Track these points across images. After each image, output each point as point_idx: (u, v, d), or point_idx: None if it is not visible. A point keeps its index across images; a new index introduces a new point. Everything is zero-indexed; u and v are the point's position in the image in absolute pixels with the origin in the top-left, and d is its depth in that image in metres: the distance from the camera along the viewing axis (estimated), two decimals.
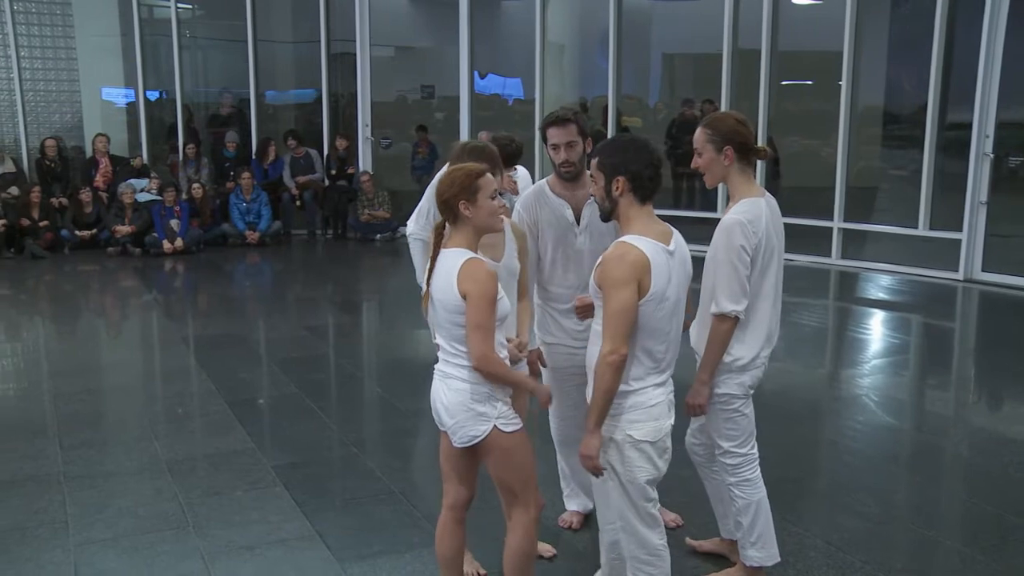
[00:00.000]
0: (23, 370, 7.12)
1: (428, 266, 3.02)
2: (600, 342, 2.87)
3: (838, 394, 6.32)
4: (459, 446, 3.00)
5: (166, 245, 11.48)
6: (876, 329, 8.33)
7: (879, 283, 10.01)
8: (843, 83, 10.37)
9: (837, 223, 10.65)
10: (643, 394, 2.92)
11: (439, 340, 3.04)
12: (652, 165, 2.97)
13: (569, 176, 3.63)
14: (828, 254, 10.69)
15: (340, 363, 7.18)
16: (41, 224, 11.55)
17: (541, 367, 3.70)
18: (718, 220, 3.37)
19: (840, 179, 10.59)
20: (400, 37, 15.84)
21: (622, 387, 2.88)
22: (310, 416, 5.63)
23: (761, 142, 11.04)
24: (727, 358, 3.27)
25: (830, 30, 10.66)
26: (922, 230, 10.04)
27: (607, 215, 3.05)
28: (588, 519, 4.04)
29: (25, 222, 11.46)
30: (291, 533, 4.01)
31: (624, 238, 2.92)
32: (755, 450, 3.44)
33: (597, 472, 2.96)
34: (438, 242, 2.99)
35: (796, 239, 10.78)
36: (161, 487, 4.50)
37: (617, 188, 2.94)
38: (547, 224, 3.66)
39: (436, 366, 3.04)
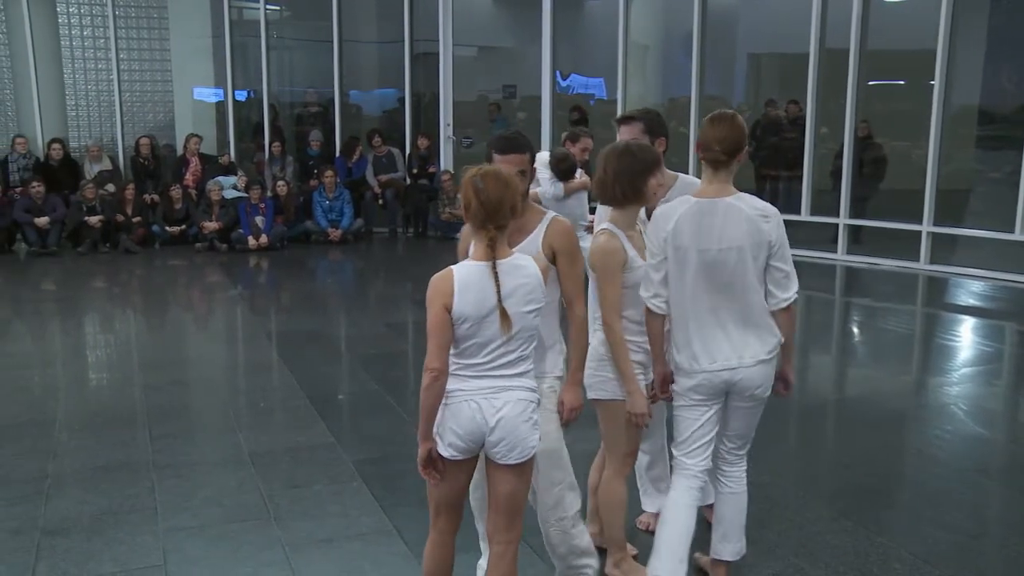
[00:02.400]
0: (116, 361, 7.37)
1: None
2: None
3: (925, 402, 6.14)
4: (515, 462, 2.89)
5: (251, 241, 11.74)
6: (966, 336, 8.07)
7: (970, 289, 9.69)
8: (935, 82, 10.07)
9: (926, 227, 10.35)
10: None
11: None
12: None
13: None
14: (916, 259, 10.40)
15: (419, 360, 7.21)
16: (134, 220, 11.93)
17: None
18: (801, 222, 3.34)
19: (930, 181, 10.28)
20: (483, 37, 15.93)
21: None
22: (389, 412, 5.70)
23: (848, 143, 10.81)
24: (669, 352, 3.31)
25: (922, 28, 10.36)
26: (1018, 234, 9.68)
27: None
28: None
29: (120, 218, 11.85)
30: (369, 527, 4.06)
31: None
32: (690, 458, 3.29)
33: (568, 423, 3.21)
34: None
35: (883, 242, 10.70)
36: (244, 478, 4.61)
37: None
38: None
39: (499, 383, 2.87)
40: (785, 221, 3.18)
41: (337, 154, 13.57)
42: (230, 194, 12.35)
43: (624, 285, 3.26)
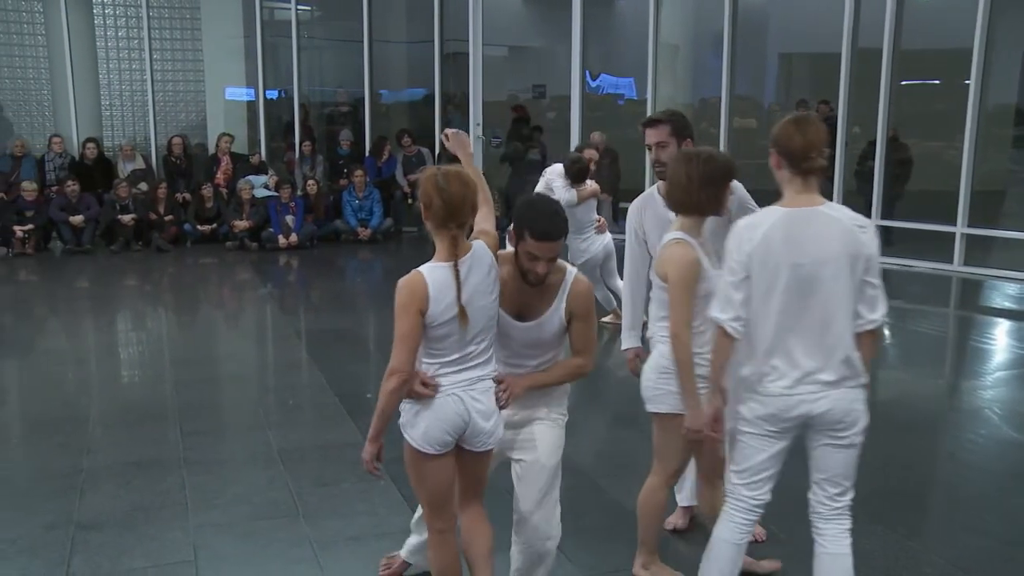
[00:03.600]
0: (148, 358, 7.46)
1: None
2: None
3: (958, 406, 6.07)
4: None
5: (281, 240, 11.82)
6: (1001, 339, 7.96)
7: (1005, 292, 9.56)
8: (971, 81, 9.94)
9: (960, 228, 10.22)
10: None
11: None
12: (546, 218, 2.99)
13: (662, 175, 3.64)
14: (950, 260, 10.28)
15: None
16: (166, 219, 12.05)
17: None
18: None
19: (965, 182, 10.14)
20: (512, 37, 15.95)
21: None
22: None
23: (880, 143, 10.70)
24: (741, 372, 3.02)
25: (957, 26, 10.24)
26: None
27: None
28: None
29: (152, 216, 11.98)
30: (397, 527, 4.06)
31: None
32: (750, 490, 3.05)
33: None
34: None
35: (915, 244, 10.58)
36: (273, 476, 4.64)
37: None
38: (651, 226, 3.70)
39: None
40: None
41: (367, 153, 13.63)
42: (260, 193, 12.44)
43: (695, 295, 3.16)
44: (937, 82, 12.07)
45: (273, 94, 14.85)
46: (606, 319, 7.57)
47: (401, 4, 15.78)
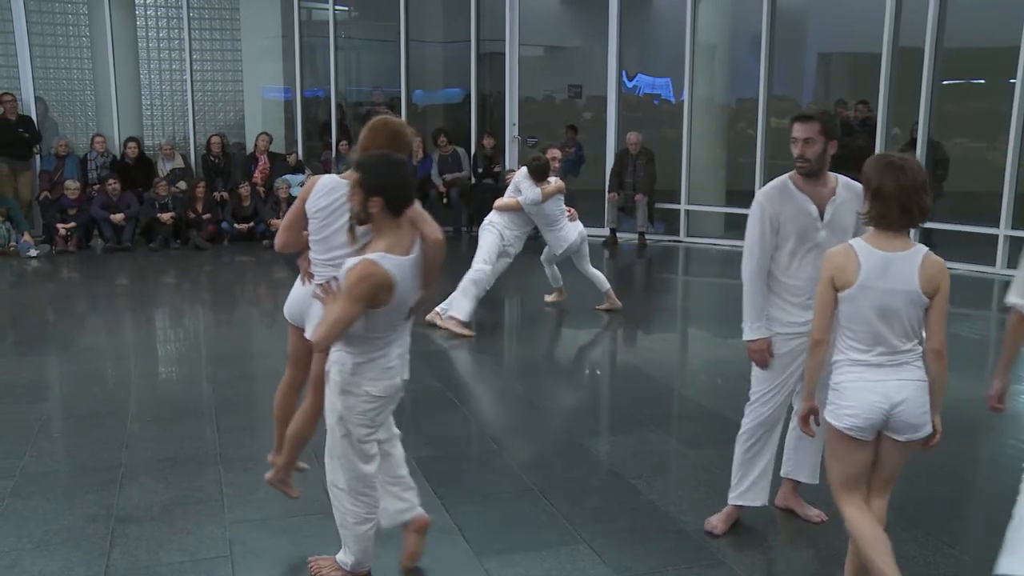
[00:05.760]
0: (185, 355, 7.55)
1: None
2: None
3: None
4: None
5: None
6: None
7: None
8: (1017, 80, 9.76)
9: (1004, 230, 10.06)
10: None
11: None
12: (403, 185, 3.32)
13: (803, 171, 3.76)
14: (992, 263, 10.11)
15: (481, 358, 7.28)
16: (204, 217, 12.19)
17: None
18: None
19: (1009, 183, 9.98)
20: (549, 37, 15.94)
21: None
22: (451, 410, 5.72)
23: (921, 145, 10.54)
24: None
25: (1001, 24, 10.06)
26: None
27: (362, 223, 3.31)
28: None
29: (190, 215, 12.12)
30: (431, 525, 4.08)
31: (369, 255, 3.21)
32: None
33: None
34: None
35: (956, 246, 10.41)
36: (307, 473, 4.66)
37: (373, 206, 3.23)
38: (790, 218, 3.76)
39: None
40: None
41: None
42: (297, 192, 12.52)
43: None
44: (982, 81, 11.87)
45: (310, 94, 14.96)
46: (551, 297, 8.50)
47: (437, 4, 15.82)
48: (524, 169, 7.97)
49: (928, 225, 10.61)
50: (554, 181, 7.91)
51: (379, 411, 3.43)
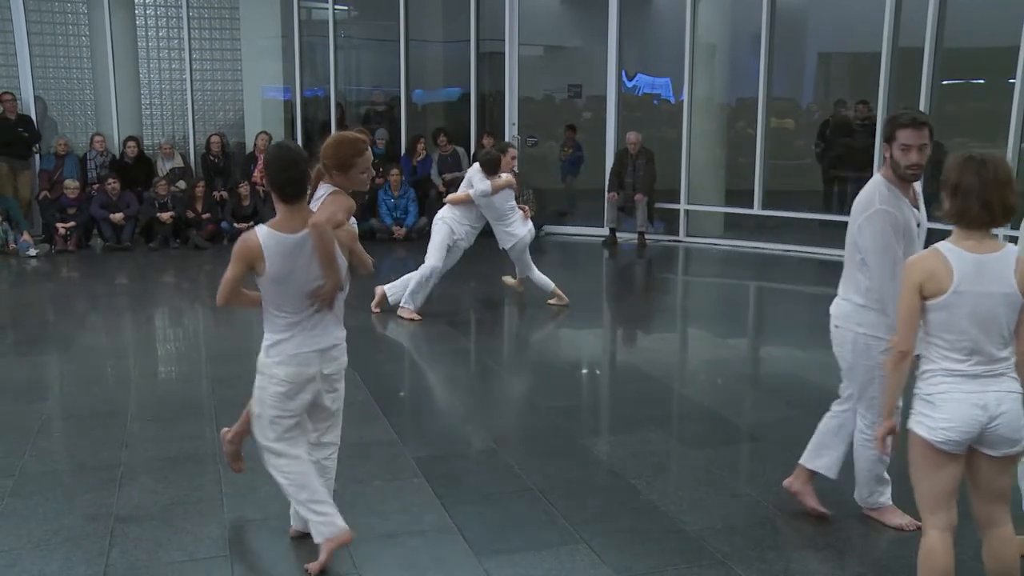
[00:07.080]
0: (184, 354, 7.55)
1: None
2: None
3: None
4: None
5: None
6: None
7: None
8: (1017, 80, 9.75)
9: (1003, 230, 10.03)
10: None
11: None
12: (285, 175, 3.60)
13: (915, 178, 3.73)
14: None
15: (481, 358, 7.28)
16: (204, 216, 12.18)
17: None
18: None
19: None
20: (549, 37, 15.94)
21: None
22: (451, 410, 5.72)
23: None
24: None
25: (1001, 24, 10.06)
26: None
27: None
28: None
29: (190, 214, 12.12)
30: (430, 525, 4.08)
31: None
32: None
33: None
34: None
35: None
36: None
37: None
38: (905, 225, 3.75)
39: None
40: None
41: (402, 152, 13.68)
42: None
43: None
44: (982, 81, 11.87)
45: (310, 93, 14.95)
46: (552, 301, 8.57)
47: (437, 4, 15.82)
48: (476, 164, 8.24)
49: (931, 226, 10.63)
50: (505, 176, 8.16)
51: (289, 397, 3.66)
